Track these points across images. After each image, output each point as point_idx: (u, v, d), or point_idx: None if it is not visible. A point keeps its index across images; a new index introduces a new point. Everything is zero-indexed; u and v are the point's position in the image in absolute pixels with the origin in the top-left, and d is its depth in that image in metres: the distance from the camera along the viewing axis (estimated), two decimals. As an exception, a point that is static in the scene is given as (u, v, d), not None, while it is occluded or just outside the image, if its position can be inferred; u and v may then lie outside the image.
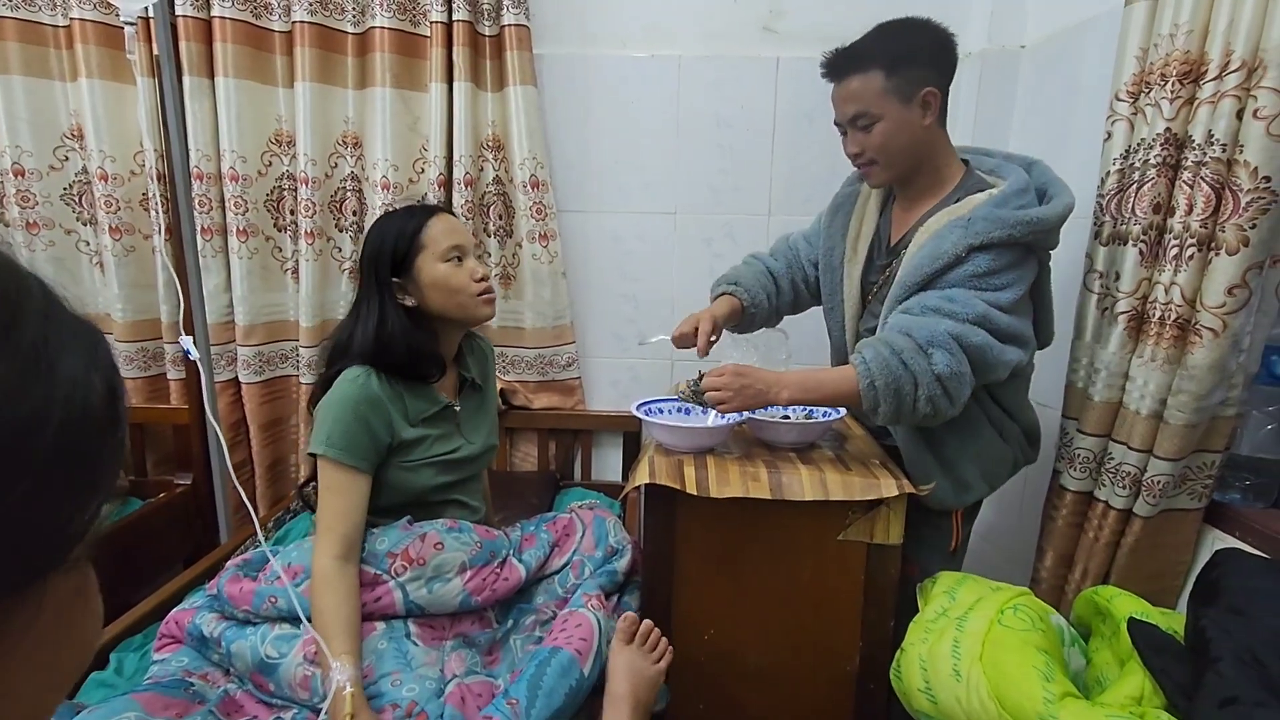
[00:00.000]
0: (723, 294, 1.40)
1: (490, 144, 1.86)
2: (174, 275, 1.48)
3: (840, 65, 1.18)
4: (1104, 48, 1.29)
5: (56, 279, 0.33)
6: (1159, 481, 1.14)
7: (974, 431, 1.22)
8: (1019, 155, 1.26)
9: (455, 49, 1.77)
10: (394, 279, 1.13)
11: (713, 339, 1.31)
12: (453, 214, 1.21)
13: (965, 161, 1.26)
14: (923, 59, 1.15)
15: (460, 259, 1.15)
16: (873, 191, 1.35)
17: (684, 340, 1.28)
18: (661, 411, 1.35)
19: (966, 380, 1.08)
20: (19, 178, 1.84)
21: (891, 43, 1.15)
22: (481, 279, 1.16)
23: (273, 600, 1.06)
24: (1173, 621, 1.03)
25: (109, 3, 1.59)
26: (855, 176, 1.41)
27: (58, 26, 1.83)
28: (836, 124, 1.23)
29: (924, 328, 1.08)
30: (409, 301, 1.14)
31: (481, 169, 1.87)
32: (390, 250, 1.13)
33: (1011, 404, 1.25)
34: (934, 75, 1.16)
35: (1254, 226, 1.00)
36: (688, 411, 1.36)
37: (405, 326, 1.13)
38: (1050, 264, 1.23)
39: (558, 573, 1.24)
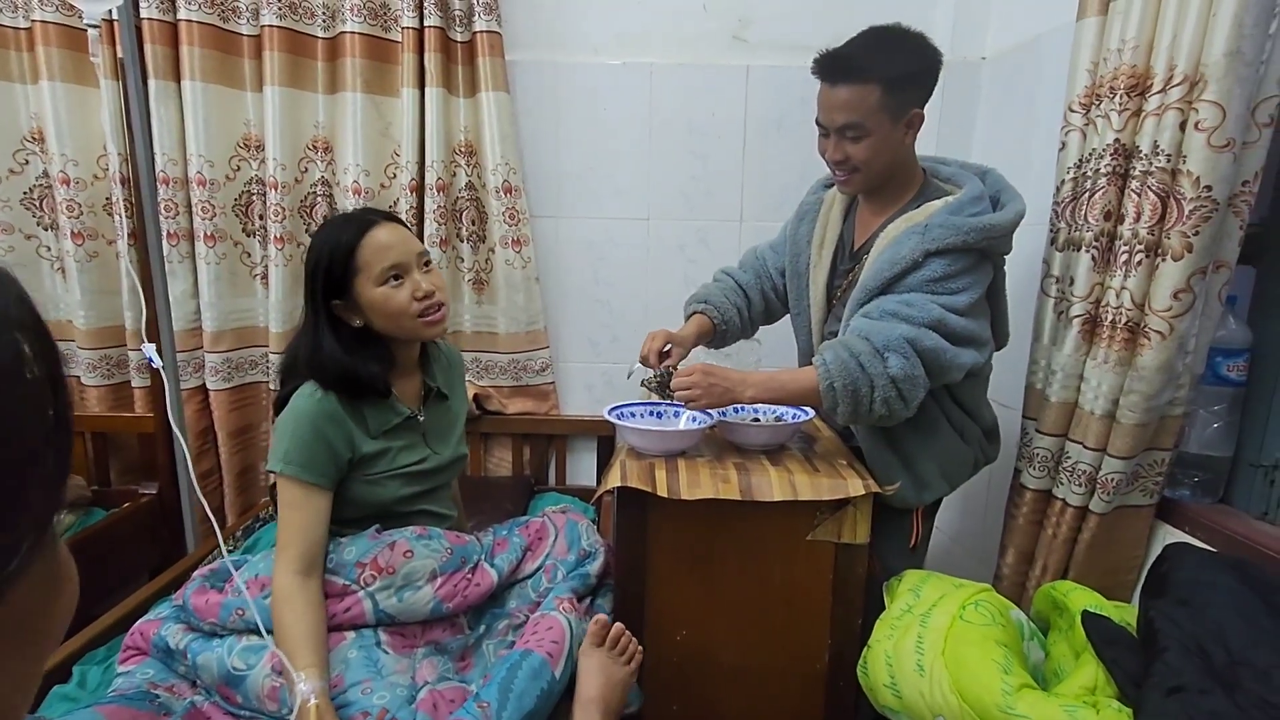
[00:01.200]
0: (694, 313, 1.44)
1: (463, 149, 1.86)
2: (137, 281, 1.46)
3: (836, 69, 1.16)
4: (1059, 61, 1.34)
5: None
6: (1113, 479, 1.18)
7: (933, 430, 1.25)
8: (974, 164, 1.30)
9: (427, 54, 1.77)
10: (336, 300, 1.10)
11: (667, 354, 1.33)
12: (397, 221, 1.13)
13: (924, 169, 1.30)
14: (916, 81, 1.17)
15: (399, 278, 1.09)
16: (837, 198, 1.38)
17: (646, 360, 1.33)
18: (634, 415, 1.37)
19: (920, 383, 1.12)
20: (-24, 182, 1.80)
21: (891, 60, 1.14)
22: (424, 296, 1.09)
23: (240, 612, 1.05)
24: (1126, 614, 1.07)
25: (72, 5, 1.56)
26: (820, 185, 1.44)
27: (18, 29, 1.79)
28: (819, 124, 1.22)
29: (880, 332, 1.12)
30: (356, 322, 1.11)
31: (454, 174, 1.88)
32: (325, 272, 1.08)
33: (971, 404, 1.29)
34: (921, 96, 1.19)
35: (1197, 233, 1.04)
36: (660, 415, 1.37)
37: (339, 349, 1.09)
38: (1005, 268, 1.27)
39: (530, 577, 1.24)
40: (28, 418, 0.27)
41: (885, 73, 1.13)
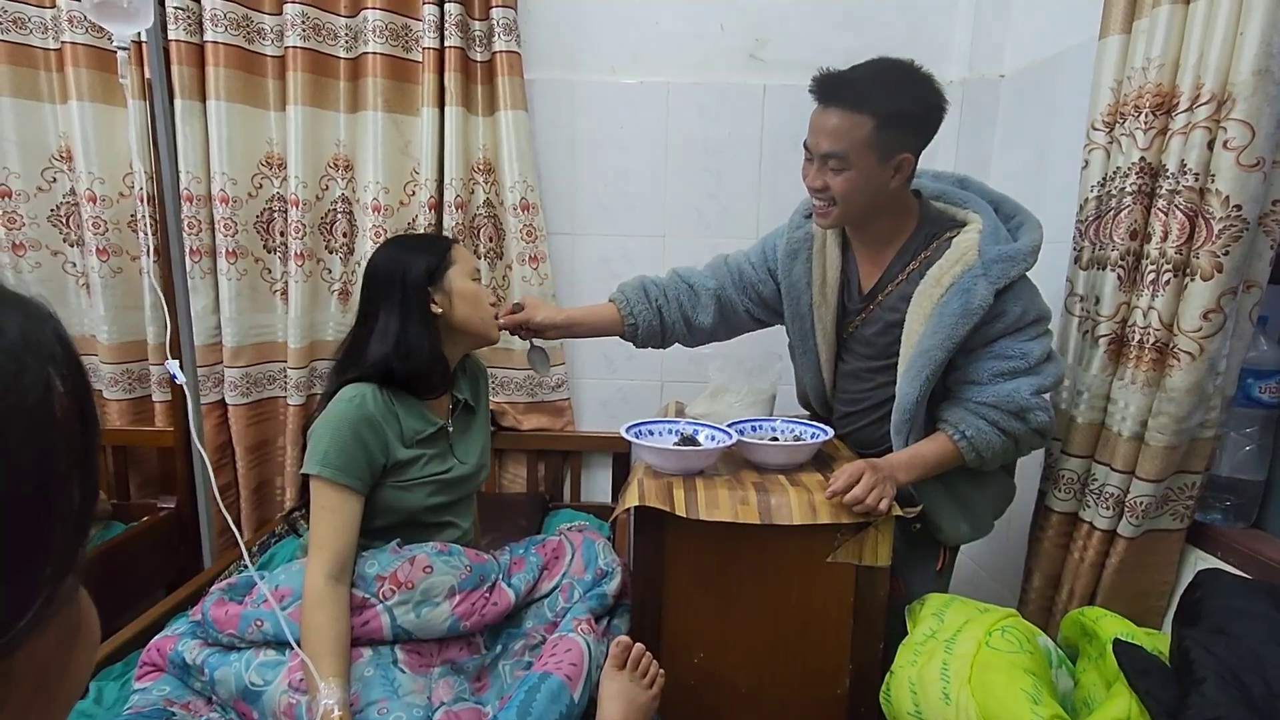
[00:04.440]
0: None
1: (481, 167, 1.87)
2: (161, 297, 1.47)
3: (831, 91, 1.11)
4: (1080, 78, 1.33)
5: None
6: (1141, 502, 1.15)
7: (989, 474, 1.26)
8: (945, 174, 1.28)
9: (447, 74, 1.79)
10: (428, 287, 1.18)
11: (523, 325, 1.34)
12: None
13: (916, 193, 1.26)
14: (913, 124, 1.12)
15: (479, 283, 1.25)
16: (828, 234, 1.31)
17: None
18: (651, 433, 1.36)
19: (1054, 418, 1.20)
20: (6, 199, 1.84)
21: (891, 96, 1.09)
22: (495, 302, 1.27)
23: (258, 623, 1.05)
24: (1158, 642, 1.04)
25: (101, 27, 1.60)
26: (801, 216, 1.35)
27: (49, 49, 1.83)
28: (805, 146, 1.17)
29: (1008, 396, 1.15)
30: (436, 309, 1.18)
31: (472, 192, 1.89)
32: (424, 261, 1.18)
33: None
34: (915, 141, 1.14)
35: (1227, 253, 1.02)
36: (679, 435, 1.36)
37: (428, 334, 1.17)
38: None
39: (547, 596, 1.23)
40: (54, 451, 0.26)
41: (881, 107, 1.08)
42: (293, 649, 1.00)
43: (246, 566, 1.15)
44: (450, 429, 1.24)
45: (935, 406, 1.24)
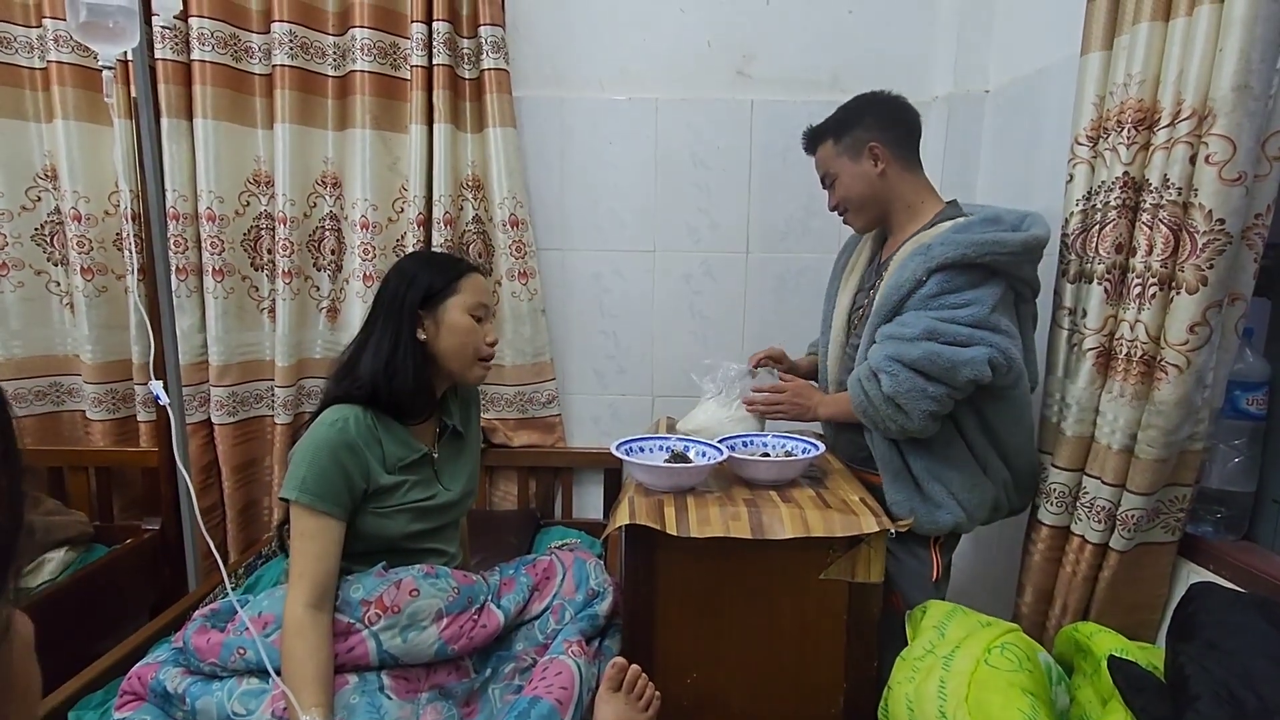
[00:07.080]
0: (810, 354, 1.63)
1: (470, 183, 1.87)
2: (145, 317, 1.46)
3: (809, 141, 1.41)
4: (1064, 93, 1.34)
5: (26, 320, 0.29)
6: (1133, 515, 1.15)
7: (946, 451, 1.26)
8: (1023, 210, 1.29)
9: (435, 92, 1.79)
10: (419, 310, 1.15)
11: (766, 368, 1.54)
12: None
13: (954, 202, 1.34)
14: (863, 121, 1.32)
15: (481, 319, 1.19)
16: (871, 235, 1.47)
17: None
18: (641, 450, 1.35)
19: (920, 394, 1.16)
20: (-10, 218, 1.82)
21: (839, 115, 1.36)
22: (491, 344, 1.21)
23: (241, 652, 1.03)
24: (1152, 656, 1.04)
25: (87, 47, 1.59)
26: None
27: (34, 68, 1.83)
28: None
29: (874, 354, 1.22)
30: (421, 335, 1.16)
31: (461, 208, 1.89)
32: (427, 282, 1.16)
33: (1003, 436, 1.27)
34: (877, 132, 1.31)
35: (1211, 266, 1.03)
36: (669, 451, 1.35)
37: (413, 358, 1.14)
38: (1034, 308, 1.29)
39: (538, 618, 1.21)
40: None
41: (833, 126, 1.36)
42: (275, 676, 0.98)
43: (229, 593, 1.13)
44: (436, 455, 1.21)
45: None
